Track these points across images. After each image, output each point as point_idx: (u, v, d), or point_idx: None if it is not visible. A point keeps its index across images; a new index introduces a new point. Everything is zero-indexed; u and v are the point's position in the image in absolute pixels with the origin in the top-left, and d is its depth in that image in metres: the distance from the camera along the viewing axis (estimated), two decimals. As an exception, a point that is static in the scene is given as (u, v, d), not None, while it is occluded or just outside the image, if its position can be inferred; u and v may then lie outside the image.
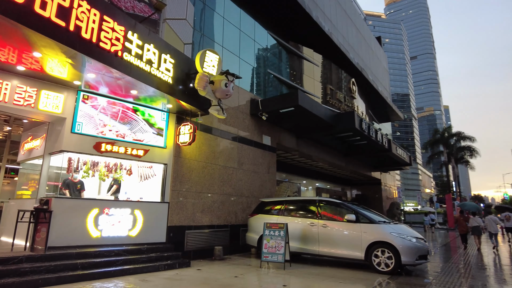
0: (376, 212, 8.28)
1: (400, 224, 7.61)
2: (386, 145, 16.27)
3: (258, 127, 11.54)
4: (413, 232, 7.26)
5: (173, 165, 8.30)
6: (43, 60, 5.85)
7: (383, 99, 23.69)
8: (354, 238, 7.16)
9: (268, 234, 7.49)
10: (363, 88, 21.66)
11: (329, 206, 8.03)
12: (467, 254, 11.19)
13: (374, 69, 25.50)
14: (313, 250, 7.66)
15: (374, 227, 7.07)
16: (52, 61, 5.86)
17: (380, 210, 23.56)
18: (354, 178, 24.18)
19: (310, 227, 7.79)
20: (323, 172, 20.92)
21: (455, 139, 42.34)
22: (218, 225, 9.30)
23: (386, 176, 25.32)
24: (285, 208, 8.52)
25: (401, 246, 6.65)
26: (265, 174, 11.47)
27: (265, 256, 7.31)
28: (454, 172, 43.95)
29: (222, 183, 9.61)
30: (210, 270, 6.98)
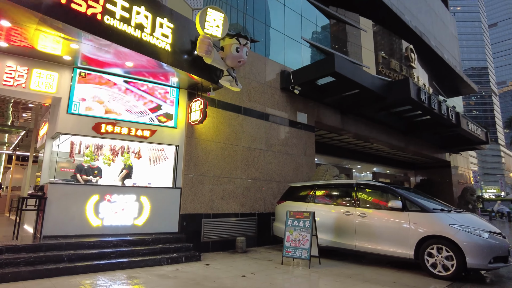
0: (434, 199, 6.45)
1: (466, 213, 5.73)
2: (453, 119, 13.62)
3: (291, 103, 10.13)
4: (485, 224, 5.38)
5: (185, 146, 7.37)
6: (28, 34, 5.24)
7: (450, 69, 20.30)
8: (400, 231, 5.53)
9: (292, 225, 6.19)
10: (425, 56, 18.69)
11: (369, 190, 6.42)
12: None
13: (438, 34, 22.02)
14: (349, 244, 6.18)
15: (427, 216, 5.36)
16: (31, 33, 5.21)
17: (451, 197, 20.54)
18: (418, 161, 21.33)
19: (345, 216, 6.30)
20: (381, 155, 18.66)
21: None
22: (243, 213, 8.22)
23: (457, 157, 21.94)
24: (316, 193, 7.10)
25: (466, 243, 4.88)
26: (300, 157, 10.07)
27: (287, 251, 6.04)
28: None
29: (246, 167, 8.48)
30: (220, 265, 5.94)
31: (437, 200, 6.43)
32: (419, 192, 6.69)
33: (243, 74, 8.82)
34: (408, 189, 6.63)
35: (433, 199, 6.33)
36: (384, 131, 14.19)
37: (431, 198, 6.42)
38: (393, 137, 14.82)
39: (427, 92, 11.58)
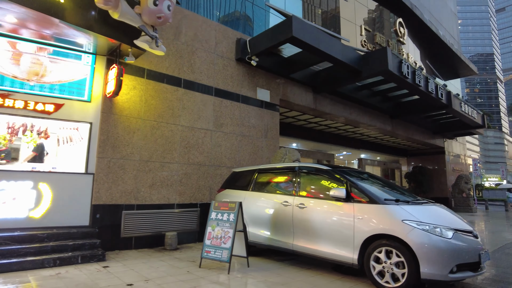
0: (395, 186, 5.16)
1: (430, 205, 4.41)
2: (443, 99, 12.20)
3: (250, 78, 8.79)
4: (452, 220, 4.08)
5: (101, 124, 6.10)
6: None
7: (447, 48, 18.72)
8: (342, 228, 4.26)
9: (215, 218, 4.94)
10: (418, 32, 17.15)
11: (312, 175, 5.12)
12: None
13: (434, 10, 20.35)
14: (285, 243, 4.94)
15: (376, 209, 4.06)
16: None
17: (444, 185, 19.25)
18: (410, 147, 19.97)
19: (283, 207, 5.04)
20: (368, 140, 17.32)
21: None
22: (181, 204, 6.98)
23: (452, 143, 20.53)
24: (257, 180, 5.82)
25: (421, 245, 3.60)
26: (260, 139, 8.78)
27: (206, 251, 4.81)
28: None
29: (187, 150, 7.21)
30: (123, 268, 4.73)
31: (398, 187, 5.14)
32: (377, 177, 5.38)
33: (184, 41, 7.48)
34: (362, 173, 5.30)
35: (392, 186, 5.04)
36: (366, 113, 12.82)
37: (391, 184, 5.13)
38: (378, 119, 13.45)
39: (411, 66, 10.15)
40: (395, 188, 5.00)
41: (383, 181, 5.23)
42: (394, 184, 5.23)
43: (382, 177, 5.56)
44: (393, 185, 5.15)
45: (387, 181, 5.29)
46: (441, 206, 4.50)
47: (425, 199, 4.69)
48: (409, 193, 4.86)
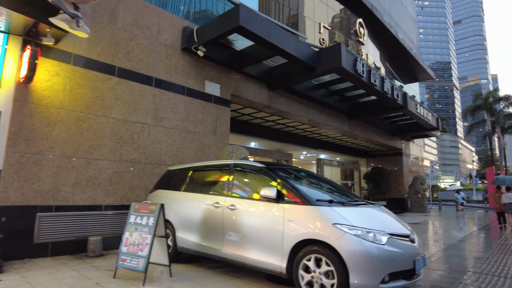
0: (336, 185, 4.82)
1: (367, 207, 4.08)
2: (399, 100, 12.28)
3: (198, 70, 8.22)
4: (389, 223, 3.77)
5: (12, 113, 5.28)
6: None
7: (405, 51, 19.15)
8: (272, 232, 3.83)
9: (133, 222, 4.34)
10: (378, 34, 17.36)
11: (246, 173, 4.66)
12: (506, 243, 7.49)
13: (395, 14, 20.79)
14: (214, 249, 4.43)
15: (306, 211, 3.65)
16: None
17: (401, 186, 19.66)
18: (369, 148, 20.24)
19: (214, 209, 4.53)
20: (328, 140, 17.26)
21: (502, 104, 36.21)
22: (110, 205, 6.28)
23: (409, 145, 21.06)
24: (191, 179, 5.27)
25: (351, 252, 3.23)
26: (208, 136, 8.23)
27: (122, 259, 4.20)
28: (500, 143, 38.02)
29: (119, 145, 6.52)
30: (16, 282, 4.00)
31: (339, 187, 4.79)
32: (317, 176, 5.02)
33: (121, 26, 6.78)
34: (299, 171, 4.91)
35: (332, 186, 4.68)
36: (324, 112, 12.64)
37: (331, 184, 4.77)
38: (335, 119, 13.34)
39: (366, 64, 10.03)
40: (335, 188, 4.65)
41: (323, 180, 4.87)
42: (335, 184, 4.88)
43: (322, 176, 5.21)
44: (334, 184, 4.80)
45: (327, 180, 4.93)
46: (380, 207, 4.19)
47: (365, 200, 4.36)
48: (349, 194, 4.53)
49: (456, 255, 6.60)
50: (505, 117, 36.60)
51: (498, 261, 6.06)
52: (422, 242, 8.28)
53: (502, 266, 5.62)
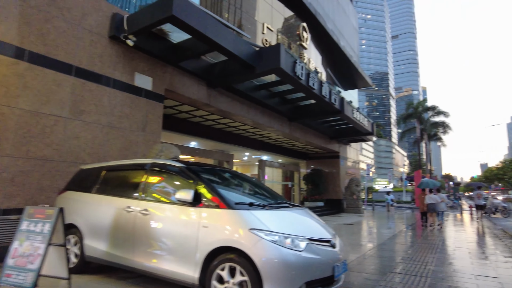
0: (263, 187, 4.62)
1: (289, 210, 3.91)
2: (336, 104, 12.66)
3: (127, 60, 7.57)
4: (311, 227, 3.64)
5: None
6: None
7: (346, 58, 20.01)
8: (186, 239, 3.49)
9: (25, 230, 3.71)
10: (321, 40, 17.87)
11: (164, 173, 4.25)
12: (427, 239, 7.98)
13: (338, 22, 21.61)
14: (124, 259, 3.97)
15: (223, 215, 3.36)
16: None
17: (338, 187, 20.46)
18: (309, 151, 20.78)
19: (125, 214, 4.06)
20: (269, 142, 17.32)
21: (429, 114, 39.78)
22: (11, 209, 5.44)
23: (346, 148, 22.04)
24: (104, 179, 4.72)
25: (265, 260, 3.01)
26: (136, 132, 7.62)
27: (6, 275, 3.55)
28: (427, 149, 41.70)
29: (26, 140, 5.69)
30: None
31: (266, 189, 4.59)
32: (244, 176, 4.77)
33: (35, 4, 5.95)
34: (224, 171, 4.63)
35: (258, 188, 4.47)
36: (265, 114, 12.59)
37: (257, 186, 4.56)
38: (276, 121, 13.37)
39: (305, 67, 10.13)
40: (260, 189, 4.45)
41: (249, 181, 4.65)
42: (262, 186, 4.68)
43: (249, 177, 4.97)
44: (260, 186, 4.60)
45: (254, 181, 4.72)
46: (303, 210, 4.06)
47: (289, 202, 4.21)
48: (274, 196, 4.35)
49: (382, 256, 6.83)
50: (431, 126, 40.24)
51: (420, 259, 6.35)
52: (352, 243, 8.53)
53: (424, 265, 5.88)
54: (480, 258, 6.63)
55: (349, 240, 9.11)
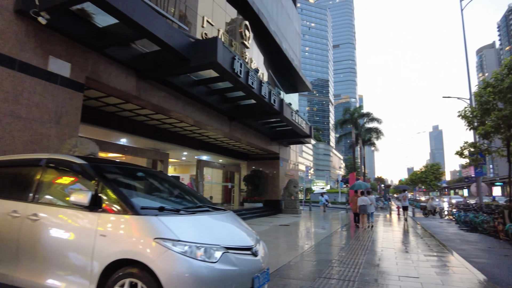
0: (181, 187, 4.15)
1: (208, 215, 3.46)
2: (275, 105, 12.61)
3: (40, 41, 6.56)
4: (232, 234, 3.26)
5: None
6: None
7: (288, 61, 20.24)
8: (80, 250, 2.90)
9: None
10: (264, 41, 17.83)
11: (62, 172, 3.57)
12: (359, 239, 8.16)
13: (282, 25, 21.87)
14: (5, 275, 3.23)
15: (125, 222, 2.84)
16: None
17: (277, 188, 20.62)
18: (250, 152, 20.66)
19: (10, 220, 3.32)
20: (209, 141, 16.80)
21: (364, 120, 42.40)
22: None
23: (286, 150, 22.37)
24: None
25: (172, 275, 2.57)
26: (47, 125, 6.63)
27: None
28: (361, 153, 44.37)
29: None
30: None
31: (183, 190, 4.13)
32: (161, 176, 4.25)
33: None
34: (137, 170, 4.07)
35: (174, 189, 4.00)
36: (204, 112, 12.06)
37: (175, 187, 4.08)
38: (216, 120, 12.92)
39: (245, 65, 9.85)
40: (178, 191, 3.98)
41: (169, 182, 4.14)
42: (182, 186, 4.20)
43: (170, 177, 4.45)
44: (179, 187, 4.12)
45: (175, 182, 4.21)
46: (226, 214, 3.67)
47: (211, 205, 3.79)
48: (194, 198, 3.92)
49: (314, 259, 6.74)
50: (366, 131, 42.93)
51: (350, 262, 6.36)
52: (286, 245, 8.42)
53: (353, 268, 5.87)
54: (404, 258, 6.88)
55: (284, 242, 9.01)
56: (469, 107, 13.73)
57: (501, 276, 5.92)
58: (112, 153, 12.26)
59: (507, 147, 12.88)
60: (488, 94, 11.85)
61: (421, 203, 32.73)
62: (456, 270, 5.88)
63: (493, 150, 13.85)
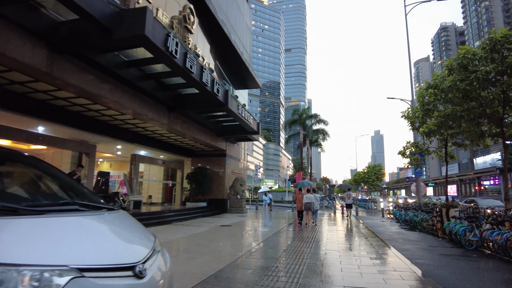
0: (54, 175, 2.96)
1: (75, 217, 2.27)
2: (219, 96, 11.61)
3: None
4: (108, 246, 2.11)
5: None
6: None
7: (237, 55, 19.33)
8: None
9: None
10: (212, 31, 16.72)
11: None
12: (302, 240, 7.44)
13: (231, 17, 20.92)
14: None
15: None
16: None
17: (223, 186, 19.61)
18: (195, 148, 19.37)
19: None
20: (148, 134, 15.26)
21: (312, 121, 43.07)
22: None
23: (234, 147, 21.45)
24: None
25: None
26: None
27: None
28: (308, 153, 45.01)
29: None
30: None
31: (71, 185, 2.95)
32: (40, 165, 3.00)
33: None
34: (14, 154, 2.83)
35: (40, 177, 2.82)
36: (137, 98, 10.66)
37: (58, 180, 2.90)
38: (152, 109, 11.55)
39: (182, 44, 8.72)
40: (44, 180, 2.80)
41: (39, 169, 2.93)
42: (61, 178, 3.01)
43: (44, 164, 3.19)
44: (57, 179, 2.93)
45: (47, 170, 3.00)
46: (106, 216, 2.49)
47: (93, 203, 2.64)
48: (75, 192, 2.77)
49: (249, 267, 5.86)
50: (313, 132, 43.65)
51: (289, 269, 5.57)
52: (221, 250, 7.35)
53: (293, 277, 5.07)
54: (349, 264, 6.23)
55: (219, 246, 8.02)
56: (411, 108, 13.93)
57: (447, 279, 5.53)
58: (21, 142, 10.35)
59: (445, 147, 13.24)
60: (430, 95, 12.02)
61: None
62: (404, 275, 5.35)
63: (433, 150, 14.20)
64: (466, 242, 8.60)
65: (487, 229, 8.36)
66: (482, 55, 9.33)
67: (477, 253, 8.06)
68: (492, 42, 9.22)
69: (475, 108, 9.35)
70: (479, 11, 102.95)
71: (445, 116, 10.06)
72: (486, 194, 40.12)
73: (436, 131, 11.27)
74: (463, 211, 11.78)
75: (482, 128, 10.72)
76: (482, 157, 66.15)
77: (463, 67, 9.42)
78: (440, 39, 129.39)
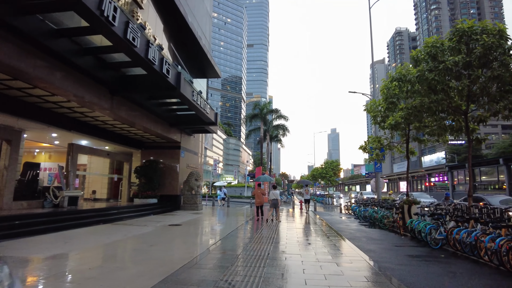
0: None
1: None
2: (169, 77, 10.25)
3: None
4: None
5: None
6: None
7: (195, 40, 17.86)
8: None
9: None
10: (166, 10, 15.15)
11: None
12: (260, 241, 6.44)
13: (190, 0, 19.37)
14: None
15: None
16: None
17: (176, 181, 18.13)
18: (145, 139, 17.67)
19: None
20: (90, 122, 13.44)
21: (273, 116, 42.52)
22: None
23: (190, 139, 20.01)
24: None
25: None
26: None
27: None
28: (268, 149, 44.45)
29: None
30: None
31: None
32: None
33: None
34: None
35: None
36: (71, 76, 9.00)
37: None
38: (90, 90, 9.90)
39: (122, 10, 7.29)
40: None
41: None
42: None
43: None
44: None
45: None
46: None
47: None
48: None
49: (192, 279, 4.73)
50: (273, 128, 43.13)
51: (242, 281, 4.52)
52: (163, 257, 5.82)
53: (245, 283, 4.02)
54: (315, 273, 5.33)
55: (160, 252, 6.77)
56: (373, 102, 13.52)
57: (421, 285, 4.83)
58: None
59: (406, 142, 12.98)
60: (394, 88, 11.60)
61: None
62: (376, 286, 4.54)
63: (394, 145, 13.93)
64: (431, 240, 8.15)
65: (452, 227, 7.94)
66: (450, 45, 8.94)
67: (444, 252, 7.59)
68: (459, 32, 8.86)
69: (444, 99, 8.93)
70: (430, 19, 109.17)
71: (412, 108, 9.59)
72: (435, 190, 42.20)
73: (402, 123, 10.84)
74: (460, 210, 9.77)
75: (445, 123, 10.45)
76: (429, 155, 70.40)
77: (432, 56, 8.95)
78: (395, 43, 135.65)
